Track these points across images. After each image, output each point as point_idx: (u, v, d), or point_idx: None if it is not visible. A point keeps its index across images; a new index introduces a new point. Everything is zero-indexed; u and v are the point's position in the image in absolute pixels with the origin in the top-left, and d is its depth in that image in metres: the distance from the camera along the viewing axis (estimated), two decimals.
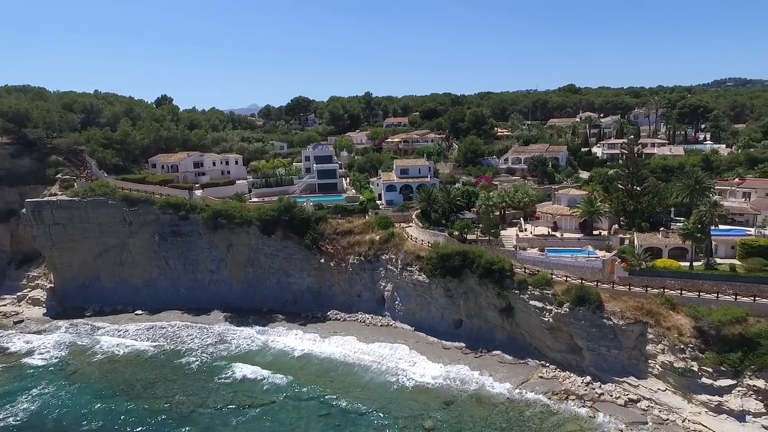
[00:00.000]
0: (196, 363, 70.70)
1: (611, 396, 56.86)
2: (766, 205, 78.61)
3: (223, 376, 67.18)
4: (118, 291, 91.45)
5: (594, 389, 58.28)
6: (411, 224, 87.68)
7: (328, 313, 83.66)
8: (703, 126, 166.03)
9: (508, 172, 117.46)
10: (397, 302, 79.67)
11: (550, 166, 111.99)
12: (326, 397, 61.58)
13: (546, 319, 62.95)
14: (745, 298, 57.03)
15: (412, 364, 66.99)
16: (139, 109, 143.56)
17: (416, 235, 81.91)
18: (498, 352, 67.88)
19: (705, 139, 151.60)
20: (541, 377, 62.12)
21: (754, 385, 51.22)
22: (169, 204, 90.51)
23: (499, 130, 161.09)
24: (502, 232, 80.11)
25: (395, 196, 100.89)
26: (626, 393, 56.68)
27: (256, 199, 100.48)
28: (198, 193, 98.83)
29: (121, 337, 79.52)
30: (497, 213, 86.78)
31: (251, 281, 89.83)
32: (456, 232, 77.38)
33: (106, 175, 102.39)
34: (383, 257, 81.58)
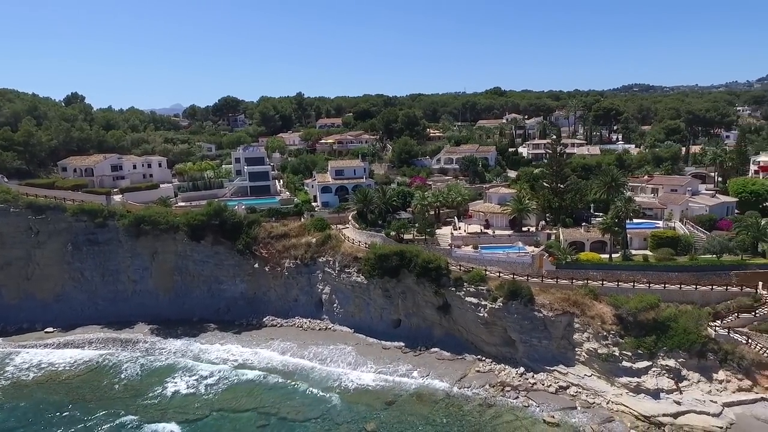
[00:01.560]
0: (120, 381, 65.53)
1: (543, 385, 59.60)
2: (672, 199, 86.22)
3: (151, 394, 62.68)
4: (23, 308, 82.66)
5: (527, 379, 60.83)
6: (347, 226, 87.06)
7: (264, 319, 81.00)
8: (615, 127, 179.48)
9: (441, 172, 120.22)
10: (335, 305, 78.69)
11: (480, 165, 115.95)
12: (264, 407, 59.38)
13: (481, 315, 64.89)
14: (656, 286, 62.10)
15: (353, 366, 66.44)
16: (45, 107, 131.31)
17: (353, 236, 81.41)
18: (436, 349, 69.02)
19: (617, 140, 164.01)
20: (479, 371, 63.89)
21: (666, 365, 55.87)
22: (83, 210, 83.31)
23: (431, 131, 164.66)
24: (438, 231, 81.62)
25: (331, 198, 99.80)
26: (557, 381, 59.69)
27: (182, 204, 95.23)
28: (117, 198, 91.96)
29: (29, 357, 71.89)
30: (432, 212, 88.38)
31: (180, 290, 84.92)
32: (393, 233, 77.79)
33: (6, 180, 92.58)
34: (320, 260, 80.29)
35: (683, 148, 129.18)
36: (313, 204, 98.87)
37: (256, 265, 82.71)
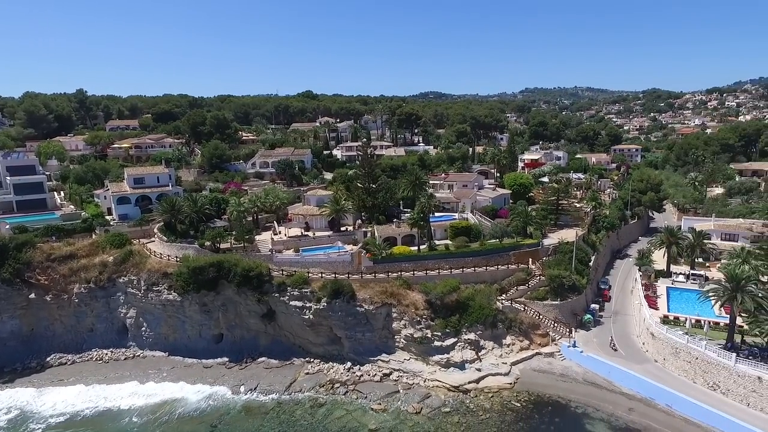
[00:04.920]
0: None
1: (369, 375, 62.70)
2: (464, 194, 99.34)
3: None
4: None
5: (355, 373, 63.25)
6: (153, 239, 78.26)
7: (48, 359, 67.73)
8: (416, 130, 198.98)
9: (257, 177, 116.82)
10: (143, 328, 69.95)
11: (297, 168, 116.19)
12: None
13: (307, 317, 65.11)
14: (456, 271, 70.85)
15: (169, 394, 59.94)
16: None
17: (161, 250, 73.54)
18: (263, 358, 66.90)
19: (419, 142, 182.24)
20: (308, 373, 64.02)
21: (468, 339, 64.13)
22: None
23: (244, 134, 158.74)
24: (257, 237, 79.09)
25: (130, 210, 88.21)
26: (381, 369, 63.41)
27: None
28: None
29: None
30: (250, 218, 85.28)
31: None
32: (208, 242, 72.69)
33: None
34: (121, 280, 70.47)
35: (470, 149, 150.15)
36: (108, 218, 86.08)
37: (32, 296, 68.61)
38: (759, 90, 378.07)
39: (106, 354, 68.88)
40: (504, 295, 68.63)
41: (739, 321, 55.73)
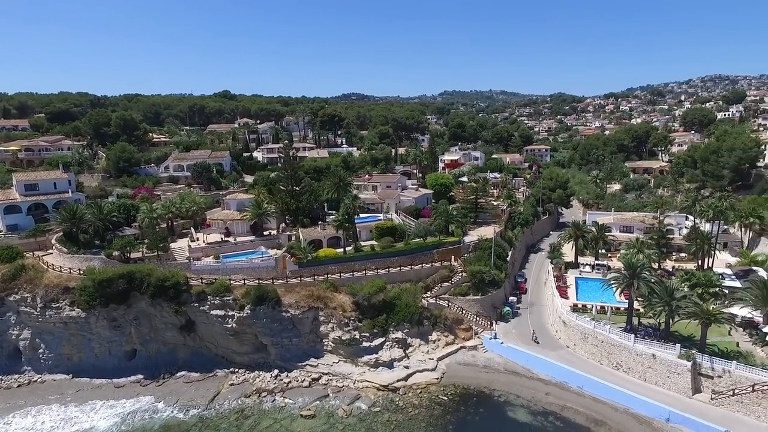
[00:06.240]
0: None
1: (297, 381, 61.34)
2: (388, 194, 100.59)
3: None
4: None
5: (282, 380, 61.58)
6: (51, 251, 71.07)
7: None
8: (339, 132, 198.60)
9: (171, 181, 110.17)
10: (41, 350, 63.20)
11: (215, 171, 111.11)
12: None
13: (229, 326, 62.38)
14: (383, 271, 71.50)
15: (72, 423, 54.56)
16: None
17: (60, 263, 67.02)
18: (183, 372, 63.11)
19: (342, 143, 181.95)
20: (232, 384, 61.35)
21: (396, 338, 64.91)
22: None
23: (155, 136, 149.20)
24: (173, 245, 74.52)
25: (21, 219, 79.37)
26: (309, 374, 62.26)
27: None
28: None
29: None
30: (164, 225, 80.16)
31: None
32: (116, 253, 67.38)
33: None
34: (11, 298, 63.24)
35: (393, 150, 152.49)
36: None
37: None
38: (647, 96, 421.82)
39: None
40: (429, 293, 70.30)
41: (636, 305, 61.46)
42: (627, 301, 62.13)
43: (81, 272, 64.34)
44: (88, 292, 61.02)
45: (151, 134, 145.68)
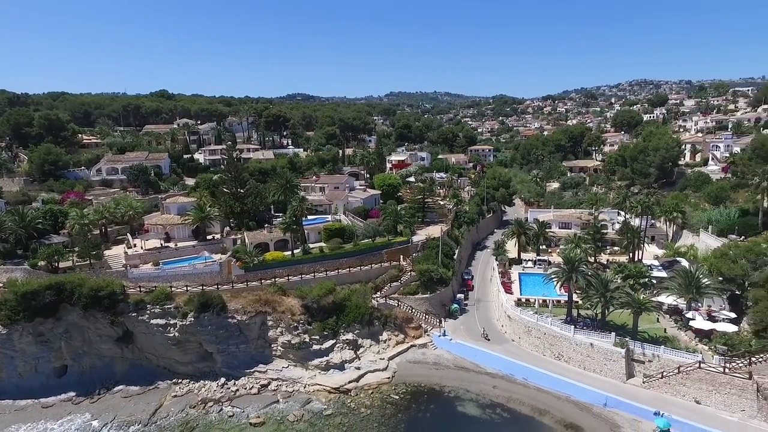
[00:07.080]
0: None
1: (246, 389, 59.58)
2: (336, 195, 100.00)
3: None
4: None
5: (230, 388, 59.61)
6: None
7: None
8: (285, 133, 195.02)
9: (104, 184, 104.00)
10: None
11: (152, 174, 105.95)
12: None
13: (171, 335, 59.68)
14: (332, 272, 70.96)
15: None
16: None
17: None
18: (121, 386, 59.71)
19: (288, 144, 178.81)
20: (175, 396, 58.70)
21: (346, 339, 64.57)
22: None
23: (85, 137, 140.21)
24: (107, 252, 70.49)
25: None
26: (258, 381, 60.65)
27: None
28: None
29: None
30: (97, 231, 75.58)
31: None
32: (42, 262, 62.90)
33: None
34: None
35: (340, 151, 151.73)
36: None
37: None
38: (581, 98, 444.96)
39: None
40: (379, 293, 70.48)
41: (575, 297, 64.56)
42: (567, 294, 65.13)
43: (1, 285, 59.32)
44: (9, 306, 56.41)
45: (80, 135, 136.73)
